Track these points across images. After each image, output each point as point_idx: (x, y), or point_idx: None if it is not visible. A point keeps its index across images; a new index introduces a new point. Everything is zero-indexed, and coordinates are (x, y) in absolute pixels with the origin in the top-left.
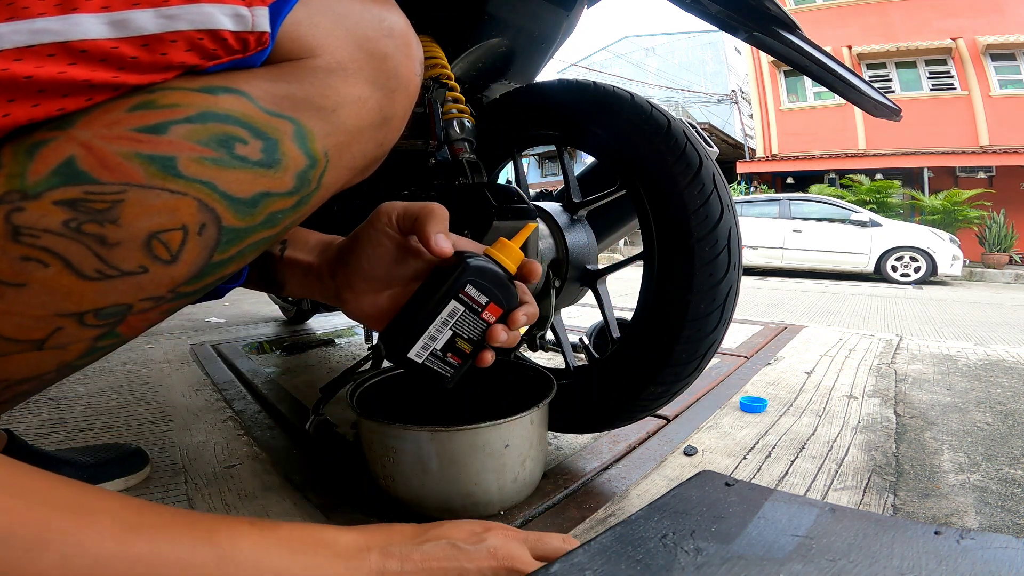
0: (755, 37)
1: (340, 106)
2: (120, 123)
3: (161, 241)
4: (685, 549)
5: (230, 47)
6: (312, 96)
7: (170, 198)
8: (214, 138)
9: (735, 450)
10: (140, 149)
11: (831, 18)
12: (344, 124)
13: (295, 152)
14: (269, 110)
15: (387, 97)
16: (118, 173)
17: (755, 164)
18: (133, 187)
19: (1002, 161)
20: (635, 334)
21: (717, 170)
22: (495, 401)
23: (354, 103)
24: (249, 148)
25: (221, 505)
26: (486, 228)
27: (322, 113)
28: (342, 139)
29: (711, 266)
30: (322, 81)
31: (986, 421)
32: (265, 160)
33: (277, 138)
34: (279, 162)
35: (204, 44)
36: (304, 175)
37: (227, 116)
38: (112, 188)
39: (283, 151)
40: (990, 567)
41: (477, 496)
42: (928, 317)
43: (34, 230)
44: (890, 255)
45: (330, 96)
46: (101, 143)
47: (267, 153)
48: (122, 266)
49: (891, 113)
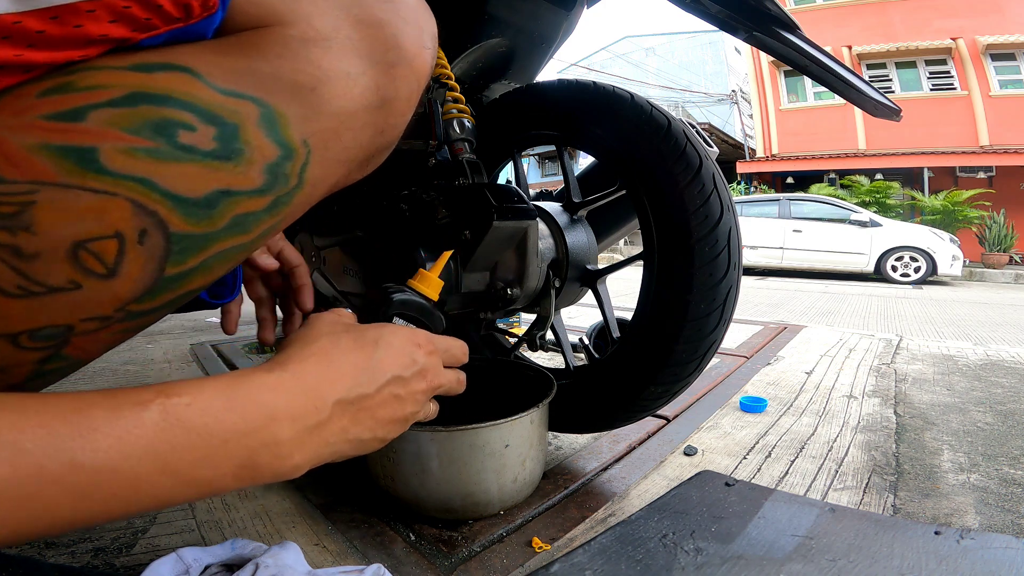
0: (755, 37)
1: (322, 83)
2: (29, 110)
3: (91, 252)
4: (685, 549)
5: (167, 14)
6: (283, 71)
7: (93, 199)
8: (148, 124)
9: (735, 450)
10: (51, 140)
11: (831, 18)
12: (329, 106)
13: (262, 140)
14: (224, 89)
15: (385, 73)
16: (25, 169)
17: (755, 164)
18: (45, 186)
19: (1002, 161)
20: (635, 334)
21: (717, 170)
22: (495, 401)
23: (340, 80)
24: (198, 136)
25: (221, 505)
26: (486, 228)
27: (298, 92)
28: (327, 124)
29: (711, 266)
30: (296, 53)
31: (986, 421)
32: (220, 150)
33: (236, 122)
34: (240, 152)
35: (132, 12)
36: (276, 169)
37: (165, 97)
38: (20, 188)
39: (245, 139)
40: (990, 567)
41: (477, 496)
42: (928, 317)
43: None
44: (890, 255)
45: (307, 71)
46: (6, 134)
47: (223, 141)
48: (47, 281)
49: (891, 113)
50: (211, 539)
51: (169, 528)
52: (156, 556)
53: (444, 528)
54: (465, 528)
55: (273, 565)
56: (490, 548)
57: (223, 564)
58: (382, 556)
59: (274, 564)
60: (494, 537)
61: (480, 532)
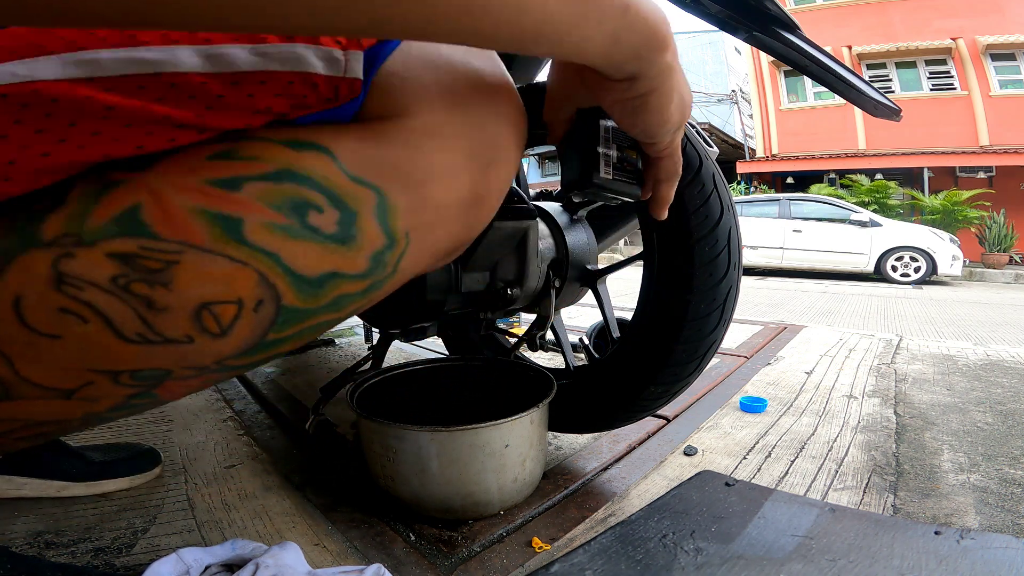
0: (755, 37)
1: (431, 178)
2: (196, 172)
3: (212, 313)
4: (685, 549)
5: (321, 94)
6: (401, 163)
7: (228, 266)
8: (288, 202)
9: (735, 450)
10: (208, 205)
11: (831, 18)
12: (432, 199)
13: (374, 228)
14: (353, 175)
15: (482, 172)
16: (180, 230)
17: (755, 164)
18: (192, 248)
19: (1002, 161)
20: (635, 334)
21: (717, 170)
22: (495, 401)
23: (446, 175)
24: (324, 218)
25: (221, 505)
26: (486, 228)
27: (410, 184)
28: (427, 218)
29: (711, 266)
30: (414, 145)
31: (986, 421)
32: (339, 234)
33: (356, 209)
34: (354, 239)
35: (294, 89)
36: (380, 256)
37: (306, 177)
38: (170, 247)
39: (360, 226)
40: (990, 567)
41: (477, 496)
42: (928, 317)
43: (79, 281)
44: (890, 255)
45: (421, 165)
46: (171, 192)
47: (343, 226)
48: (167, 333)
49: (891, 113)
50: (211, 539)
51: (169, 528)
52: (156, 556)
53: (444, 528)
54: (465, 528)
55: (273, 565)
56: (490, 548)
57: (223, 564)
58: (382, 556)
59: (274, 564)
60: (494, 537)
61: (480, 532)
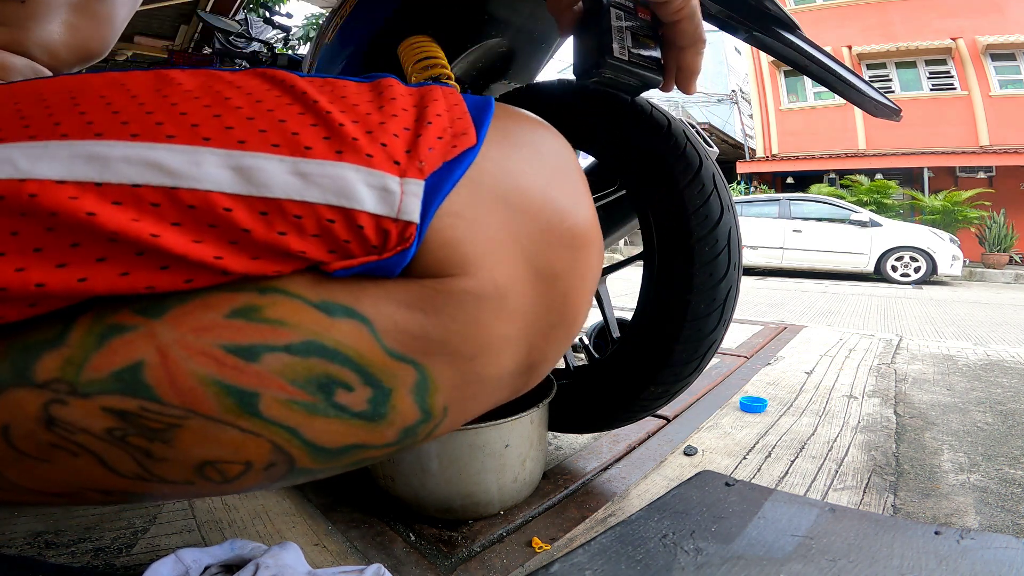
0: (755, 37)
1: (482, 352)
2: (212, 331)
3: (217, 469)
4: (685, 549)
5: (366, 241)
6: (450, 337)
7: (238, 435)
8: (313, 380)
9: (735, 450)
10: (222, 376)
11: (831, 18)
12: (480, 374)
13: (409, 406)
14: (392, 351)
15: (543, 336)
16: (188, 398)
17: (755, 164)
18: (198, 416)
19: (1002, 161)
20: (635, 334)
21: (717, 170)
22: None
23: (498, 346)
24: (353, 397)
25: (221, 505)
26: None
27: (457, 360)
28: (471, 391)
29: (711, 266)
30: (468, 315)
31: (986, 421)
32: (369, 412)
33: (392, 387)
34: (385, 416)
35: (335, 230)
36: (412, 430)
37: (337, 352)
38: (174, 412)
39: (394, 404)
40: (990, 567)
41: (477, 496)
42: (928, 317)
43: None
44: (890, 255)
45: (473, 339)
46: (180, 353)
47: (374, 405)
48: (166, 477)
49: (891, 113)
50: (211, 539)
51: (169, 528)
52: (156, 556)
53: (444, 528)
54: (465, 528)
55: (273, 565)
56: (490, 548)
57: (222, 565)
58: (382, 556)
59: (274, 564)
60: (494, 537)
61: (480, 532)
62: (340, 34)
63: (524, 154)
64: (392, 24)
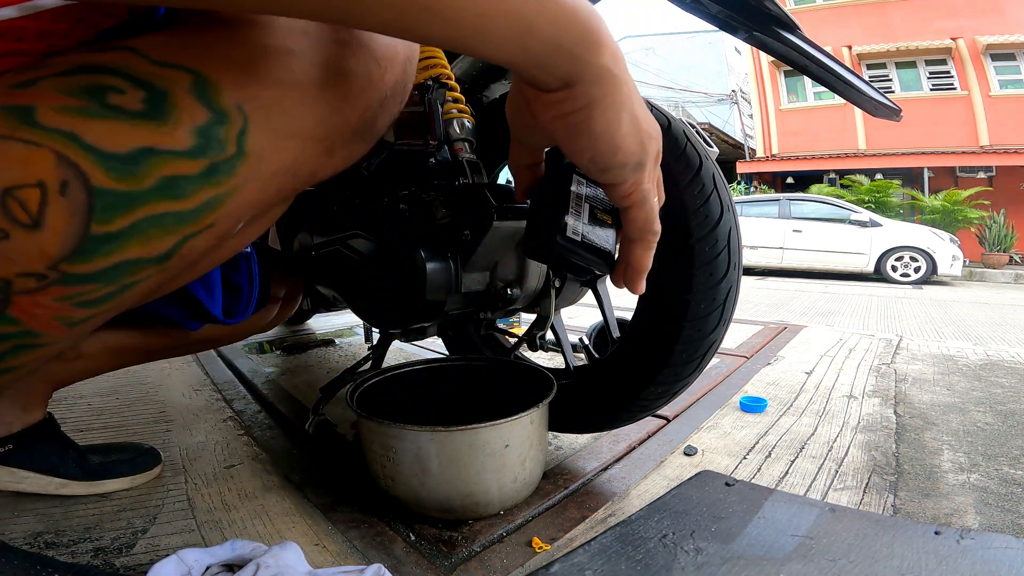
0: (755, 37)
1: (259, 56)
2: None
3: (16, 199)
4: (685, 549)
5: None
6: (218, 48)
7: (22, 149)
8: (83, 88)
9: (735, 450)
10: (4, 102)
11: (831, 18)
12: (267, 76)
13: (190, 103)
14: (159, 61)
15: (336, 48)
16: None
17: (755, 164)
18: None
19: (1002, 161)
20: (635, 334)
21: (717, 170)
22: (495, 401)
23: (280, 54)
24: (126, 98)
25: (221, 505)
26: (486, 228)
27: (233, 63)
28: (267, 93)
29: (711, 266)
30: (230, 32)
31: (986, 421)
32: (147, 111)
33: (166, 88)
34: (166, 113)
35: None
36: (207, 132)
37: (103, 67)
38: None
39: (173, 102)
40: (990, 567)
41: (477, 496)
42: (928, 317)
43: None
44: (890, 255)
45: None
46: None
47: (150, 104)
48: None
49: (891, 113)
50: (211, 539)
51: (169, 528)
52: (156, 556)
53: (444, 528)
54: (465, 528)
55: (274, 565)
56: (490, 548)
57: (223, 564)
58: (382, 556)
59: (275, 564)
60: (494, 537)
61: (480, 532)
62: None
63: None
64: None
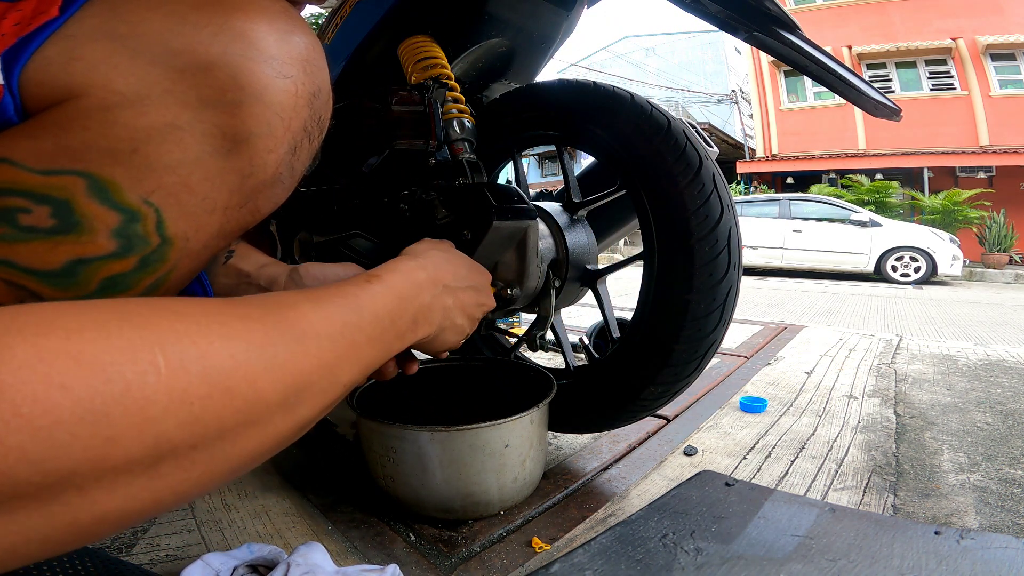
0: (755, 37)
1: (143, 143)
2: None
3: None
4: (685, 549)
5: None
6: (93, 141)
7: None
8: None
9: (735, 450)
10: None
11: (831, 18)
12: (159, 162)
13: (96, 209)
14: (42, 170)
15: (228, 115)
16: None
17: (755, 164)
18: None
19: (1002, 161)
20: (635, 334)
21: (717, 170)
22: (495, 401)
23: (167, 134)
24: (35, 216)
25: (221, 505)
26: (486, 228)
27: (117, 157)
28: (168, 179)
29: (711, 266)
30: (100, 121)
31: (986, 421)
32: (60, 225)
33: (66, 198)
34: (79, 224)
35: None
36: (126, 232)
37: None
38: None
39: (80, 212)
40: (990, 567)
41: (477, 496)
42: (928, 317)
43: None
44: (890, 255)
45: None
46: None
47: (60, 218)
48: None
49: (891, 113)
50: (211, 539)
51: (169, 528)
52: (156, 556)
53: (444, 528)
54: (465, 528)
55: (304, 564)
56: (490, 548)
57: (248, 566)
58: (382, 556)
59: (304, 563)
60: (494, 537)
61: (480, 532)
62: (340, 34)
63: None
64: (392, 24)
